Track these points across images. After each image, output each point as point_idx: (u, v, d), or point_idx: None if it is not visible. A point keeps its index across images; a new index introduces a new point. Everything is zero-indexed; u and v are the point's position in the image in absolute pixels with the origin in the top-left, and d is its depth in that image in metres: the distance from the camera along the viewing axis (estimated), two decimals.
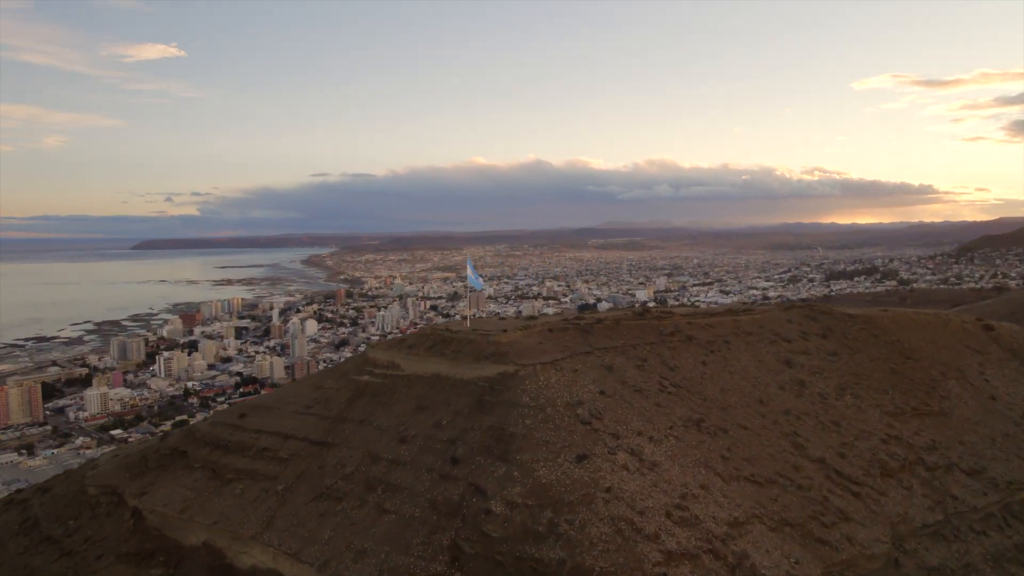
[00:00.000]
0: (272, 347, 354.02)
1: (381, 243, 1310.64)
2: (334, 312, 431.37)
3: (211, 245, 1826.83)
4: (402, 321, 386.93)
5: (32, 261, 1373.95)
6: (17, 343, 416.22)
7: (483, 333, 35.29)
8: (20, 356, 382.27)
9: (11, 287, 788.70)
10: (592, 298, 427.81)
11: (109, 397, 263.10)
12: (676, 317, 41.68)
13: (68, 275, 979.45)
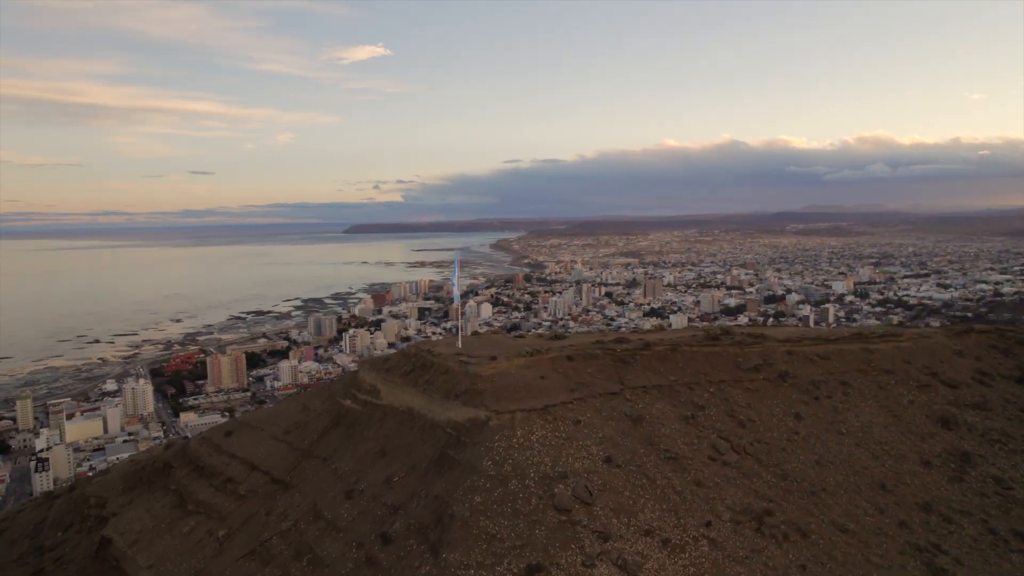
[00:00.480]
0: (448, 328, 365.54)
1: (568, 228, 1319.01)
2: (510, 296, 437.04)
3: (412, 229, 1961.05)
4: (574, 307, 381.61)
5: (265, 243, 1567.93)
6: (240, 316, 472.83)
7: (463, 361, 26.02)
8: (240, 327, 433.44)
9: (247, 266, 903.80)
10: (781, 288, 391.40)
11: (299, 370, 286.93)
12: (769, 343, 29.16)
13: (290, 256, 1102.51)
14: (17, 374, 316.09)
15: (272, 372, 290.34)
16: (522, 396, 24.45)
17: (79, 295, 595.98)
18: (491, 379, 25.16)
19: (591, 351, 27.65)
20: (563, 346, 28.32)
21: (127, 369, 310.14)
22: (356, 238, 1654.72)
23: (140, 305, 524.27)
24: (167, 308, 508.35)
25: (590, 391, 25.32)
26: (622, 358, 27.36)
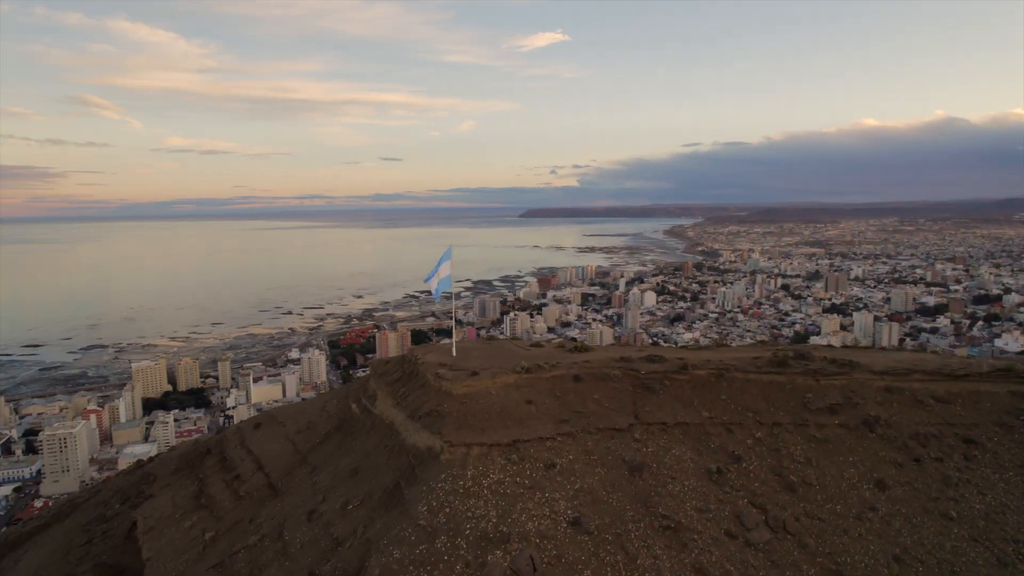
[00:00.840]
0: (609, 316, 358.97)
1: (748, 214, 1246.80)
2: (677, 285, 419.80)
3: (587, 214, 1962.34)
4: (745, 299, 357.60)
5: (446, 226, 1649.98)
6: (414, 295, 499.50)
7: (439, 374, 21.38)
8: (412, 306, 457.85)
9: (427, 247, 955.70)
10: (998, 287, 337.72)
11: None
12: (860, 374, 21.10)
13: (468, 238, 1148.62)
14: (225, 338, 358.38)
15: None
16: (492, 425, 19.42)
17: (283, 270, 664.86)
18: (461, 400, 20.37)
19: (608, 371, 21.76)
20: (576, 362, 22.67)
21: (310, 339, 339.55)
22: (531, 222, 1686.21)
23: (329, 281, 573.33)
24: (352, 285, 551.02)
25: (586, 424, 19.65)
26: (645, 383, 21.18)
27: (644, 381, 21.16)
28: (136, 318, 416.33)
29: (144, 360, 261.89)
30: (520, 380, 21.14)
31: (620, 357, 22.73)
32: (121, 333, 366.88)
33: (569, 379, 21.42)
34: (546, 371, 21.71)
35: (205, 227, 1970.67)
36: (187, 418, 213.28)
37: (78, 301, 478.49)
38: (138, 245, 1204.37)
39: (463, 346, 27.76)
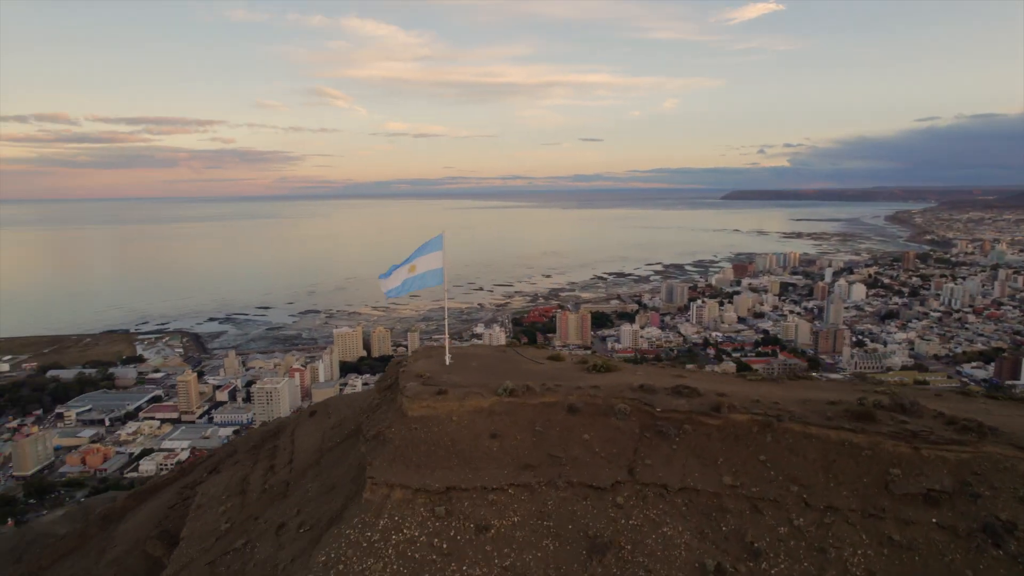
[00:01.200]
0: (809, 309, 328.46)
1: (997, 199, 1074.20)
2: (893, 278, 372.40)
3: (796, 197, 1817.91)
4: (980, 298, 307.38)
5: (643, 207, 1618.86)
6: (602, 276, 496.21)
7: (412, 394, 17.40)
8: (599, 287, 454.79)
9: (621, 229, 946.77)
10: None
11: (640, 335, 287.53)
12: (997, 448, 13.54)
13: (664, 220, 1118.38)
14: (419, 310, 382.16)
15: (615, 334, 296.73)
16: (433, 461, 15.20)
17: (480, 248, 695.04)
18: (412, 424, 16.34)
19: (615, 402, 16.39)
20: (585, 386, 17.48)
21: (496, 316, 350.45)
22: (733, 204, 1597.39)
23: (522, 260, 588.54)
24: (542, 264, 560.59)
25: (557, 475, 14.69)
26: (658, 425, 15.52)
27: (657, 422, 15.54)
28: (347, 287, 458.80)
29: (344, 327, 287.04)
30: (496, 405, 16.57)
31: (641, 385, 17.15)
32: (333, 300, 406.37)
33: (561, 409, 16.43)
34: (536, 395, 16.90)
35: (416, 206, 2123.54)
36: (370, 384, 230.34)
37: (303, 270, 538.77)
38: (357, 221, 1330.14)
39: (467, 352, 23.54)
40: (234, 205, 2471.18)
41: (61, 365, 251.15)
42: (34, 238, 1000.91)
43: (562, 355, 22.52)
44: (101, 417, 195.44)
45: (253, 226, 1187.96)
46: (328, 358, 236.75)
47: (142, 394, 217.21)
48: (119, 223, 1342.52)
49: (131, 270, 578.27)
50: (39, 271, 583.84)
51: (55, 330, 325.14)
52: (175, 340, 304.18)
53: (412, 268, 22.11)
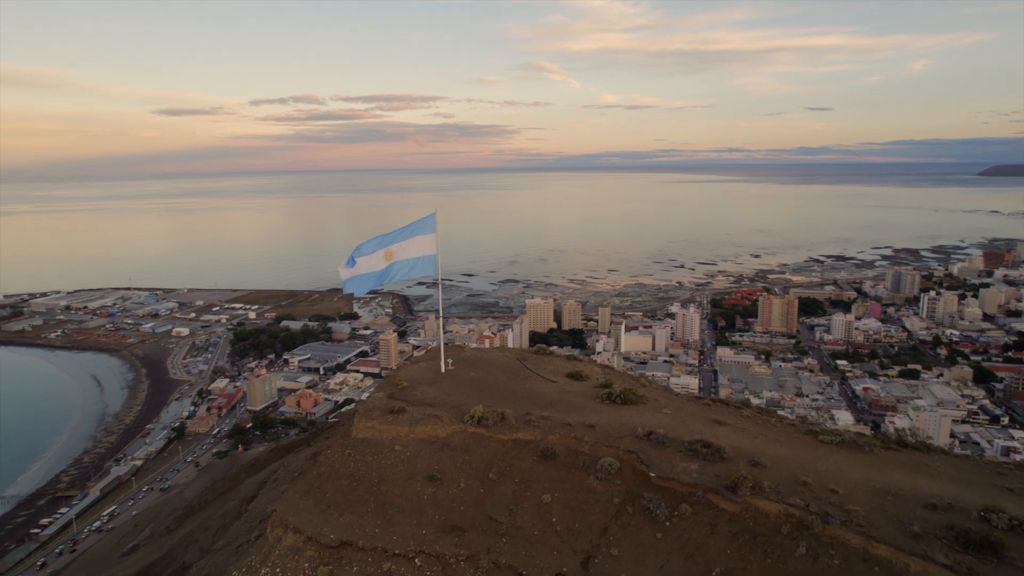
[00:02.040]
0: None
1: None
2: None
3: None
4: None
5: (875, 184, 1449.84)
6: (818, 258, 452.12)
7: (364, 409, 14.13)
8: (814, 270, 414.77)
9: (846, 207, 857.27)
10: None
11: (855, 326, 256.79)
12: None
13: (900, 199, 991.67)
14: (615, 285, 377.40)
15: (825, 323, 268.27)
16: (347, 502, 11.95)
17: (686, 223, 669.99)
18: (347, 449, 13.21)
19: (603, 455, 11.79)
20: (575, 424, 12.96)
21: (694, 295, 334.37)
22: (994, 182, 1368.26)
23: (729, 237, 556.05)
24: (751, 242, 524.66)
25: (484, 550, 10.64)
26: (647, 499, 10.71)
27: (647, 494, 10.71)
28: (547, 259, 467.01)
29: (538, 298, 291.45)
30: (455, 436, 12.80)
31: (651, 433, 12.26)
32: (532, 271, 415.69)
33: (532, 453, 12.25)
34: (509, 428, 12.87)
35: (625, 179, 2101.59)
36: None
37: (509, 240, 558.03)
38: (565, 194, 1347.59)
39: (477, 359, 19.46)
40: (453, 177, 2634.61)
41: (292, 317, 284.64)
42: (286, 205, 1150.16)
43: (585, 373, 17.93)
44: (317, 366, 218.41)
45: (468, 197, 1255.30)
46: (518, 327, 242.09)
47: (352, 348, 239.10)
48: (353, 192, 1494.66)
49: (358, 234, 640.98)
50: (287, 234, 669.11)
51: (293, 285, 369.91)
52: (387, 301, 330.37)
53: (388, 255, 18.57)
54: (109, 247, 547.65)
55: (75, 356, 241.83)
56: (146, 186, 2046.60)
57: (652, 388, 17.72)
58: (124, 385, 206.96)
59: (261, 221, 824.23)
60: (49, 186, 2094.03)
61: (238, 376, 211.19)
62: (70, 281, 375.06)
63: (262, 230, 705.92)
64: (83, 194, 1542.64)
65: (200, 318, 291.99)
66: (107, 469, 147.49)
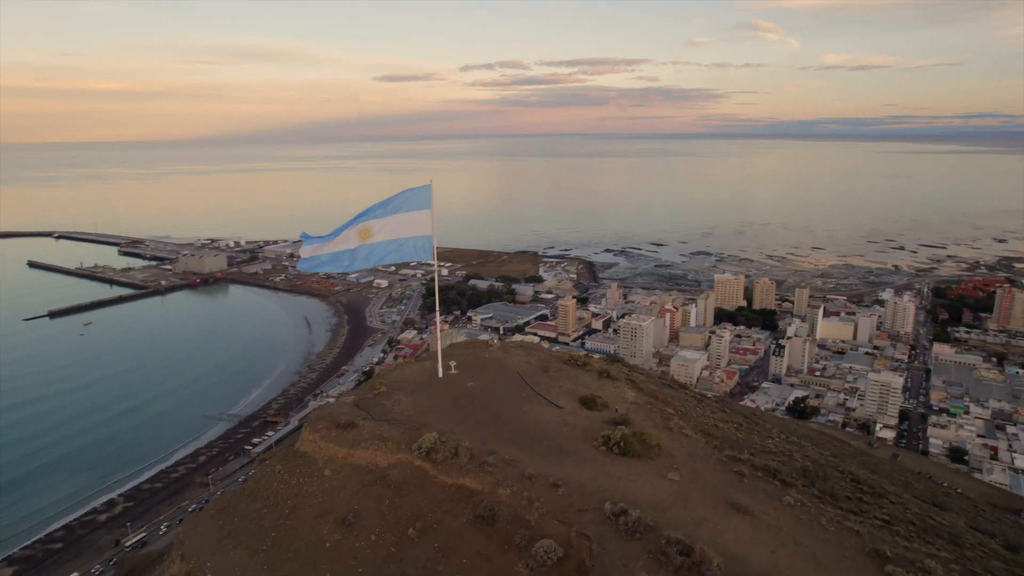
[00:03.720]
0: None
1: None
2: None
3: None
4: None
5: None
6: None
7: (315, 418, 11.86)
8: None
9: None
10: None
11: None
12: None
13: None
14: (819, 265, 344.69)
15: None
16: (241, 538, 9.98)
17: (911, 200, 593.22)
18: (276, 465, 11.27)
19: (552, 531, 8.52)
20: (538, 478, 9.69)
21: (912, 282, 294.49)
22: None
23: (967, 218, 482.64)
24: (995, 225, 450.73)
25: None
26: None
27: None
28: (745, 232, 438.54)
29: (728, 273, 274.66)
30: (394, 469, 10.33)
31: (621, 512, 8.68)
32: (727, 244, 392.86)
33: (469, 511, 9.41)
34: (456, 470, 10.11)
35: (845, 148, 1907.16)
36: (747, 336, 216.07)
37: (705, 210, 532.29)
38: (774, 162, 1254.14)
39: (483, 363, 16.17)
40: (654, 142, 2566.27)
41: (480, 276, 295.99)
42: (488, 168, 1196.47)
43: (603, 400, 14.12)
44: (498, 325, 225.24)
45: (668, 164, 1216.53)
46: (703, 303, 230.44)
47: (532, 311, 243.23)
48: (552, 156, 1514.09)
49: (551, 198, 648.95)
50: (486, 195, 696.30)
51: (485, 246, 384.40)
52: (572, 266, 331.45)
53: (365, 233, 15.56)
54: (329, 201, 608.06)
55: (293, 298, 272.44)
56: (366, 148, 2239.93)
57: (680, 433, 13.75)
58: (328, 328, 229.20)
59: (465, 182, 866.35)
60: (289, 147, 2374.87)
61: (425, 328, 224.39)
62: (297, 231, 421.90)
63: (465, 191, 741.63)
64: (314, 154, 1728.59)
65: (399, 272, 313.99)
66: (306, 402, 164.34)
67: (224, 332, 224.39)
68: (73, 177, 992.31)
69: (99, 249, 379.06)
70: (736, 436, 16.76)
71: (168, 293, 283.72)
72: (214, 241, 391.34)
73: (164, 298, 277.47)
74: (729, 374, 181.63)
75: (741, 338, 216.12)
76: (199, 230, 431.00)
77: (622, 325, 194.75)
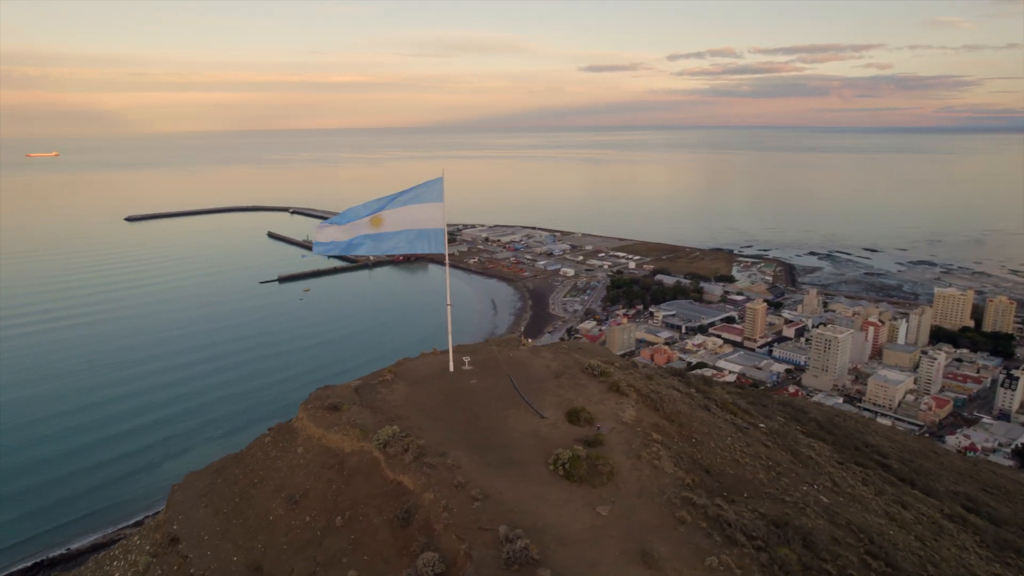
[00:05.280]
0: None
1: None
2: None
3: None
4: None
5: None
6: None
7: (314, 396, 12.50)
8: None
9: None
10: None
11: None
12: None
13: None
14: None
15: None
16: (210, 496, 11.33)
17: None
18: (267, 439, 12.41)
19: (437, 553, 8.46)
20: (466, 487, 9.48)
21: None
22: None
23: None
24: None
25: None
26: None
27: None
28: (985, 241, 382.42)
29: (953, 287, 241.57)
30: (354, 455, 10.88)
31: (511, 539, 8.21)
32: (958, 254, 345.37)
33: (395, 509, 9.81)
34: (401, 467, 10.40)
35: None
36: (970, 362, 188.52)
37: (935, 215, 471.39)
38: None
39: (498, 362, 15.57)
40: (880, 137, 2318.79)
41: (667, 272, 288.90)
42: (688, 160, 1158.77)
43: (591, 415, 13.05)
44: (680, 324, 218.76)
45: (894, 161, 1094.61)
46: (917, 319, 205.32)
47: (719, 311, 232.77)
48: (761, 149, 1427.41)
49: (755, 194, 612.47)
50: (682, 189, 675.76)
51: (677, 240, 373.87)
52: (768, 268, 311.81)
53: (376, 221, 15.18)
54: (525, 189, 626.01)
55: (482, 280, 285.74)
56: (566, 137, 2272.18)
57: (649, 462, 12.33)
58: (512, 312, 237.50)
59: (662, 175, 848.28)
60: (493, 136, 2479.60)
61: (605, 320, 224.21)
62: (492, 216, 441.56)
63: (661, 184, 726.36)
64: (515, 143, 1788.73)
65: (586, 262, 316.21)
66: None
67: (417, 307, 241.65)
68: (308, 160, 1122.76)
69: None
70: (745, 475, 14.88)
71: (374, 268, 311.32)
72: None
73: (371, 272, 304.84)
74: (940, 403, 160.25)
75: (962, 363, 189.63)
76: None
77: (815, 335, 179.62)
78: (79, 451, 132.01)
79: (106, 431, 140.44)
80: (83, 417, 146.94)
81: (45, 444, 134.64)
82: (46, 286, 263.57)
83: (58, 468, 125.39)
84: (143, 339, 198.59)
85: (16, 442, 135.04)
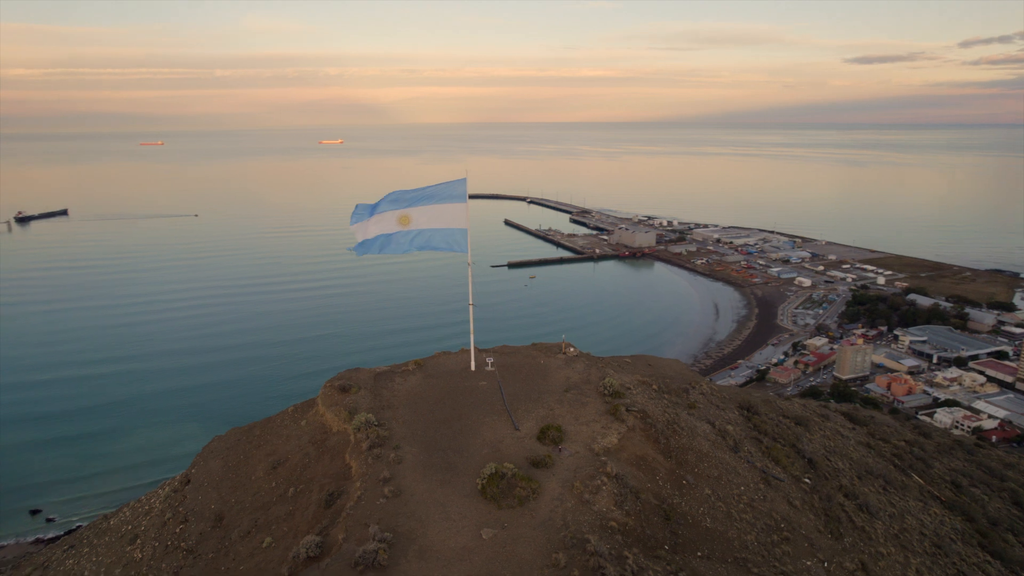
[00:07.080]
0: None
1: None
2: None
3: None
4: None
5: None
6: None
7: (337, 375, 14.17)
8: None
9: None
10: None
11: None
12: None
13: None
14: None
15: None
16: (225, 454, 13.92)
17: None
18: (290, 409, 14.92)
19: (303, 549, 9.77)
20: (395, 494, 10.45)
21: None
22: None
23: None
24: None
25: (195, 548, 11.53)
26: None
27: None
28: None
29: None
30: (335, 436, 12.61)
31: (365, 557, 9.09)
32: None
33: (322, 493, 11.65)
34: (352, 454, 12.09)
35: None
36: None
37: None
38: None
39: (519, 367, 15.60)
40: None
41: (924, 292, 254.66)
42: (973, 163, 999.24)
43: (566, 436, 12.49)
44: (931, 352, 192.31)
45: None
46: None
47: (986, 344, 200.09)
48: None
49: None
50: (958, 197, 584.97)
51: (942, 257, 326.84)
52: None
53: (404, 219, 15.13)
54: (768, 190, 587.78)
55: (708, 283, 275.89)
56: (822, 136, 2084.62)
57: (578, 496, 11.25)
58: (735, 319, 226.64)
59: (933, 179, 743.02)
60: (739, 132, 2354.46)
61: (838, 338, 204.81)
62: (727, 217, 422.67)
63: (929, 189, 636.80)
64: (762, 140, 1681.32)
65: (826, 273, 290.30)
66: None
67: (635, 305, 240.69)
68: (551, 152, 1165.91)
69: (556, 215, 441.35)
70: (727, 533, 13.06)
71: (600, 261, 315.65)
72: (650, 219, 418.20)
73: (596, 265, 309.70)
74: None
75: None
76: (638, 206, 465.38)
77: None
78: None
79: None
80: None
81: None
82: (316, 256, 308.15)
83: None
84: (390, 311, 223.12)
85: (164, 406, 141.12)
